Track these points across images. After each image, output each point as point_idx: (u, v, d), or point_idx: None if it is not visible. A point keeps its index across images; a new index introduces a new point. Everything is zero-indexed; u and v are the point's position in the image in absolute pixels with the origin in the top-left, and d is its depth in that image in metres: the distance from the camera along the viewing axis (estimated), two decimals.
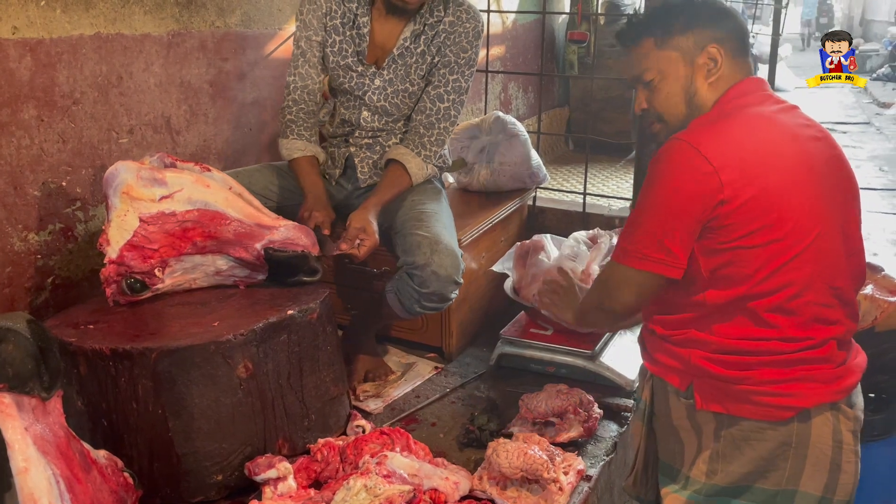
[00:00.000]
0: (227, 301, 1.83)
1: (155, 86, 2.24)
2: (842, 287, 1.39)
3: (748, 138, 1.35)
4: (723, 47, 1.44)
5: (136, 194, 1.72)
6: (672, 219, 1.34)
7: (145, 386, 1.61)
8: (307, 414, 1.79)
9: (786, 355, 1.35)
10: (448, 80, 2.16)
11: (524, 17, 4.49)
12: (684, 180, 1.33)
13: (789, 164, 1.35)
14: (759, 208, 1.31)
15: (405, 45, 2.14)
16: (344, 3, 2.16)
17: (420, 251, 1.95)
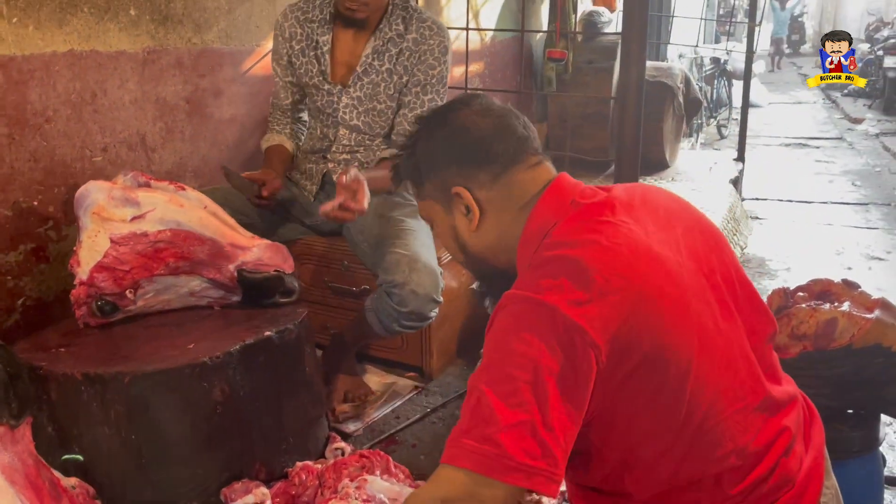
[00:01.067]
0: (202, 322, 1.80)
1: (130, 103, 2.21)
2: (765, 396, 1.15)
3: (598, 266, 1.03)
4: (474, 184, 1.17)
5: (107, 214, 1.68)
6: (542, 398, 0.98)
7: (118, 411, 1.57)
8: (285, 437, 1.76)
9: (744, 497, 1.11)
10: (423, 100, 2.17)
11: (503, 34, 4.51)
12: (543, 339, 0.98)
13: (663, 286, 1.05)
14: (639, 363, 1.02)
15: (368, 62, 2.15)
16: (305, 25, 2.19)
17: (398, 269, 1.93)
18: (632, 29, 2.34)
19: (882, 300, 1.96)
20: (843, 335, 1.89)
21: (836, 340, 1.89)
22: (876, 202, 6.33)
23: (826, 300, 1.99)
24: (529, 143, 1.21)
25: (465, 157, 1.18)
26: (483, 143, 1.18)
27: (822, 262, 4.72)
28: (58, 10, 1.97)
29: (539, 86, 5.01)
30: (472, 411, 1.01)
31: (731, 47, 8.59)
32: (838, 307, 1.92)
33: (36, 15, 1.92)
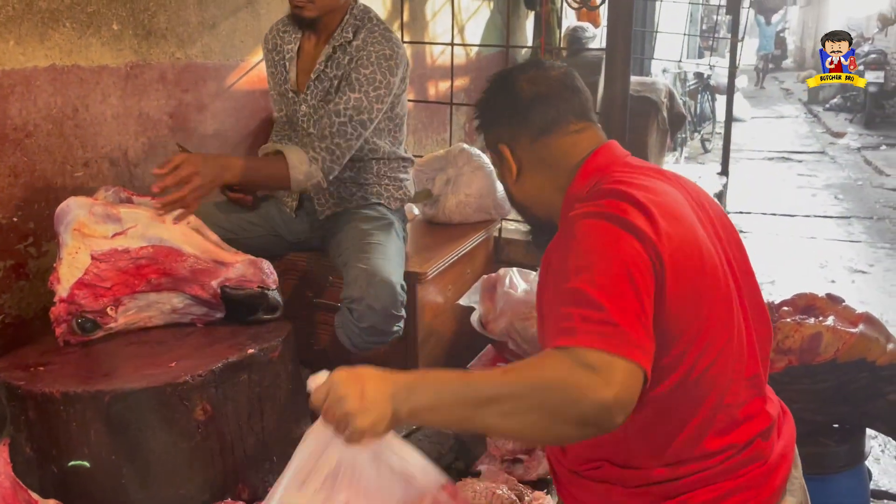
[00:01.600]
0: (184, 340, 1.78)
1: (112, 118, 2.19)
2: (756, 373, 1.23)
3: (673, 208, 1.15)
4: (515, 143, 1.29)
5: (88, 231, 1.66)
6: (641, 285, 1.03)
7: (98, 430, 1.54)
8: (269, 456, 1.73)
9: (711, 470, 1.18)
10: (349, 96, 2.04)
11: (488, 48, 4.53)
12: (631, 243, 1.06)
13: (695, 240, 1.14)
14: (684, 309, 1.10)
15: (321, 69, 2.14)
16: (282, 35, 2.23)
17: (356, 284, 1.92)
18: (616, 44, 2.36)
19: (866, 314, 1.98)
20: (828, 350, 1.90)
21: (820, 355, 1.89)
22: (858, 215, 6.40)
23: (811, 314, 2.00)
24: (574, 111, 1.29)
25: (509, 118, 1.30)
26: (524, 109, 1.28)
27: (806, 275, 4.76)
28: (39, 24, 1.95)
29: None
30: (572, 304, 0.99)
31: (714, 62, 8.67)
32: (823, 321, 1.93)
33: (17, 30, 1.90)
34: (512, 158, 1.29)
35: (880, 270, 5.00)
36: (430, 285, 2.33)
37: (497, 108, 1.33)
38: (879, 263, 5.15)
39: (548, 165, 1.28)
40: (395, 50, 2.09)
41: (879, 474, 2.94)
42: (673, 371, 1.12)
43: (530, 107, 1.28)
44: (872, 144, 10.01)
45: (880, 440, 3.00)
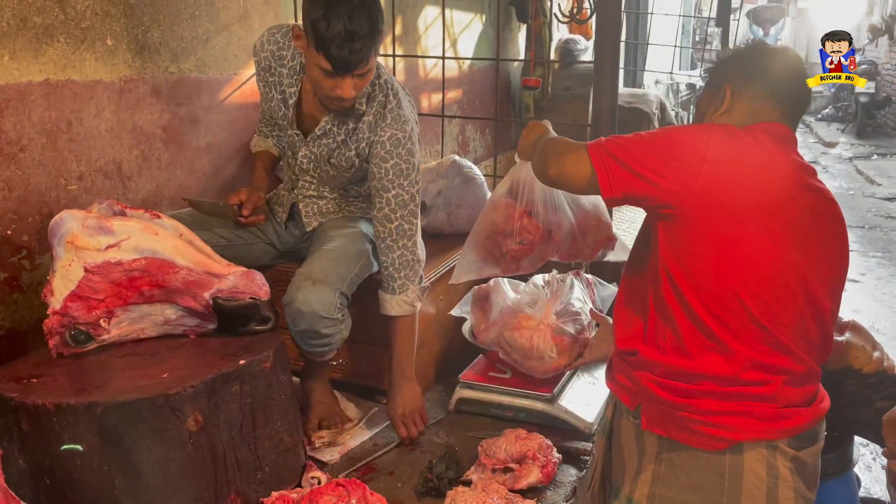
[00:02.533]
0: (176, 351, 1.79)
1: (106, 131, 2.21)
2: (791, 325, 1.40)
3: (751, 157, 1.41)
4: (740, 90, 1.52)
5: (81, 243, 1.68)
6: (648, 166, 1.39)
7: (91, 442, 1.55)
8: (260, 466, 1.74)
9: (727, 387, 1.39)
10: (387, 197, 2.06)
11: (480, 61, 4.57)
12: (680, 156, 1.39)
13: (773, 195, 1.39)
14: (721, 215, 1.36)
15: (327, 127, 2.10)
16: (277, 65, 2.13)
17: (290, 288, 1.96)
18: (604, 56, 2.40)
19: (852, 322, 1.99)
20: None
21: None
22: (850, 225, 6.38)
23: None
24: (791, 102, 1.52)
25: (757, 71, 1.53)
26: (770, 71, 1.52)
27: None
28: (34, 39, 1.98)
29: (517, 112, 5.08)
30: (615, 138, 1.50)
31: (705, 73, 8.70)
32: None
33: (11, 45, 1.92)
34: (729, 98, 1.52)
35: (872, 279, 5.04)
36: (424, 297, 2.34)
37: (744, 59, 1.58)
38: (871, 272, 5.18)
39: (747, 115, 1.50)
40: (406, 129, 2.05)
41: (871, 482, 2.96)
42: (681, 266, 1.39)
43: (774, 74, 1.51)
44: (864, 154, 10.08)
45: (872, 448, 3.02)
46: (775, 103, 1.50)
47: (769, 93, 1.50)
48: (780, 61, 1.55)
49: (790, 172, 1.43)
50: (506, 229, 2.08)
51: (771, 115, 1.50)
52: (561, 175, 1.54)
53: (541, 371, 2.20)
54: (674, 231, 1.40)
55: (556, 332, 2.20)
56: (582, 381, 2.31)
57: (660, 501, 1.45)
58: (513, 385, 2.23)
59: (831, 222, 1.46)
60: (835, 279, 1.48)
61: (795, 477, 1.41)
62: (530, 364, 2.19)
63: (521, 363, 2.20)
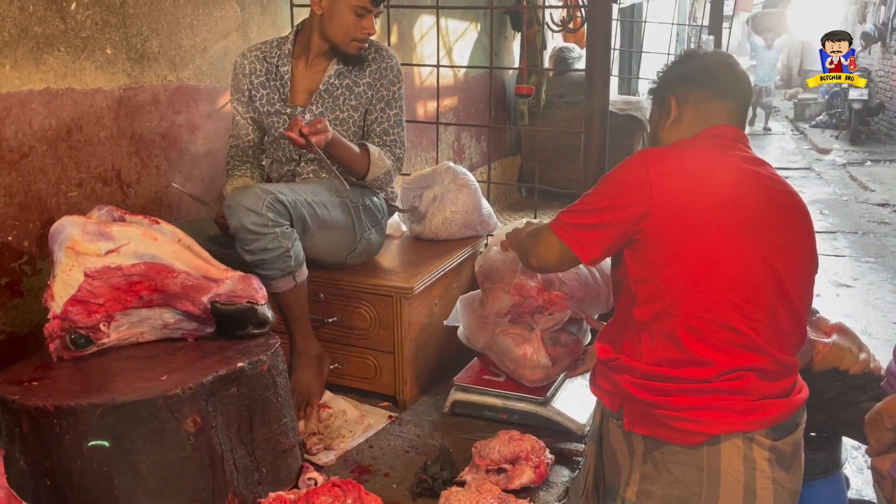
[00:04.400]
0: (175, 354, 1.82)
1: (105, 139, 2.25)
2: (764, 321, 1.45)
3: (691, 164, 1.48)
4: (683, 98, 1.59)
5: (81, 249, 1.71)
6: (604, 212, 1.48)
7: (90, 443, 1.57)
8: (258, 467, 1.77)
9: (701, 384, 1.43)
10: (388, 114, 2.42)
11: (475, 69, 4.61)
12: (626, 186, 1.47)
13: (724, 195, 1.44)
14: (679, 226, 1.42)
15: (330, 82, 2.35)
16: (266, 60, 2.38)
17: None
18: (595, 64, 2.44)
19: (839, 325, 2.03)
20: (803, 359, 1.95)
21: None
22: (843, 230, 6.48)
23: None
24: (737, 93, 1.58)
25: (692, 77, 1.61)
26: (706, 73, 1.59)
27: None
28: (34, 49, 2.01)
29: (512, 119, 5.12)
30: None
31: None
32: None
33: (13, 54, 1.96)
34: (675, 108, 1.59)
35: (864, 284, 5.07)
36: (417, 300, 2.38)
37: (680, 68, 1.65)
38: (864, 277, 5.22)
39: (696, 123, 1.57)
40: (398, 64, 2.46)
41: (863, 484, 2.98)
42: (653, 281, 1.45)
43: (713, 73, 1.59)
44: (857, 160, 10.14)
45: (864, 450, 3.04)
46: (717, 101, 1.57)
47: (709, 93, 1.57)
48: (712, 61, 1.63)
49: (738, 170, 1.49)
50: (532, 306, 2.24)
51: (717, 115, 1.57)
52: (541, 261, 1.64)
53: (533, 380, 2.22)
54: (639, 254, 1.47)
55: (548, 342, 2.22)
56: (574, 384, 2.34)
57: (647, 498, 1.48)
58: (507, 388, 2.26)
59: (792, 212, 1.51)
60: (804, 267, 1.53)
61: (774, 467, 1.44)
62: (521, 372, 2.22)
63: (514, 371, 2.23)
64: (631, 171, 1.48)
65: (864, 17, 13.26)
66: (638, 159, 1.49)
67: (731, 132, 1.57)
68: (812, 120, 13.81)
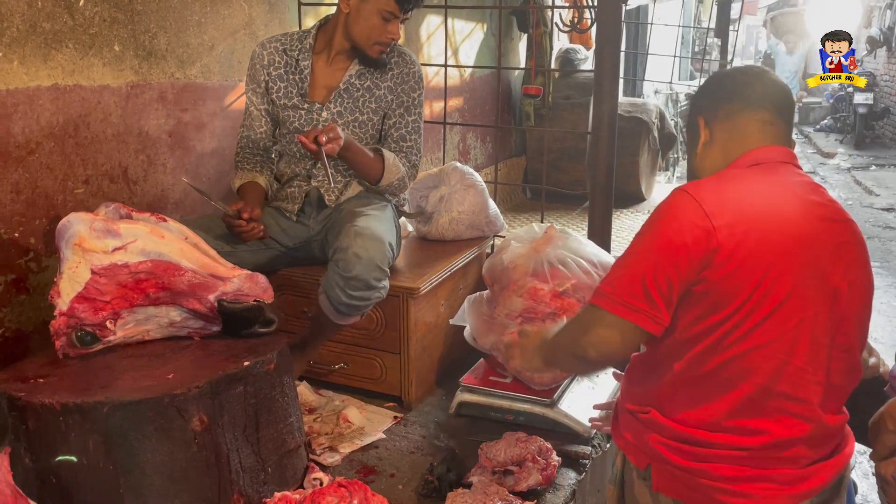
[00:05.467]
0: (181, 353, 1.81)
1: (112, 136, 2.24)
2: (822, 381, 1.32)
3: (751, 201, 1.31)
4: (712, 117, 1.46)
5: (88, 246, 1.70)
6: (661, 267, 1.28)
7: (96, 441, 1.57)
8: (263, 467, 1.76)
9: (742, 451, 1.31)
10: (407, 121, 2.38)
11: (481, 69, 4.61)
12: (679, 229, 1.28)
13: (789, 239, 1.29)
14: (744, 279, 1.26)
15: (350, 81, 2.31)
16: (286, 53, 2.33)
17: (345, 237, 2.03)
18: (603, 65, 2.43)
19: None
20: None
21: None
22: None
23: None
24: (772, 102, 1.43)
25: (713, 93, 1.49)
26: (729, 86, 1.47)
27: None
28: (42, 45, 2.01)
29: (518, 120, 5.11)
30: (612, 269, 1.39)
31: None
32: None
33: (21, 50, 1.95)
34: (705, 128, 1.47)
35: None
36: (423, 301, 2.37)
37: (705, 88, 1.54)
38: None
39: (732, 141, 1.44)
40: (421, 70, 2.42)
41: (868, 489, 2.98)
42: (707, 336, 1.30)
43: (737, 84, 1.46)
44: (862, 165, 10.12)
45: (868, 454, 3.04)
46: (748, 113, 1.43)
47: (737, 106, 1.44)
48: (739, 74, 1.50)
49: (800, 206, 1.33)
50: (544, 312, 2.24)
51: (751, 128, 1.42)
52: (602, 351, 1.36)
53: (540, 382, 2.22)
54: (691, 305, 1.31)
55: None
56: (582, 386, 2.33)
57: None
58: (513, 389, 2.25)
59: (854, 248, 1.37)
60: (864, 309, 1.40)
61: None
62: (529, 375, 2.21)
63: (521, 374, 2.22)
64: (685, 214, 1.29)
65: (869, 22, 13.24)
66: (687, 199, 1.30)
67: (778, 154, 1.41)
68: (816, 124, 13.80)
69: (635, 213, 4.82)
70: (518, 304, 2.25)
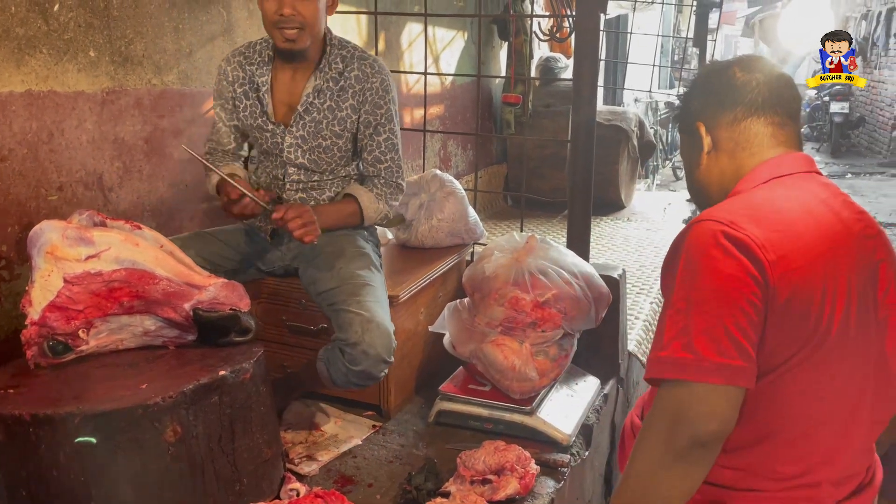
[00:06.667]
0: (155, 362, 1.79)
1: (87, 142, 2.22)
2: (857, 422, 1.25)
3: (795, 227, 1.19)
4: (713, 122, 1.34)
5: (60, 254, 1.67)
6: (738, 308, 1.11)
7: (67, 453, 1.54)
8: (239, 478, 1.74)
9: (768, 493, 1.25)
10: (378, 141, 2.22)
11: (462, 78, 4.61)
12: (738, 263, 1.13)
13: (832, 267, 1.18)
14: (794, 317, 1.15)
15: (309, 101, 2.16)
16: (246, 68, 2.21)
17: (352, 329, 1.95)
18: (582, 73, 2.44)
19: None
20: None
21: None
22: None
23: None
24: (781, 104, 1.31)
25: (715, 96, 1.34)
26: (731, 89, 1.32)
27: None
28: (16, 50, 1.98)
29: (499, 128, 5.12)
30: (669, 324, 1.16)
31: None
32: None
33: None
34: (706, 135, 1.34)
35: None
36: (403, 308, 2.36)
37: (701, 88, 1.38)
38: None
39: (740, 149, 1.32)
40: (388, 76, 2.22)
41: None
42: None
43: (739, 87, 1.32)
44: (838, 173, 10.26)
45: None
46: (756, 118, 1.31)
47: (742, 111, 1.31)
48: (738, 70, 1.35)
49: (838, 225, 1.22)
50: (525, 321, 2.23)
51: (762, 133, 1.31)
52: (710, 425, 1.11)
53: (519, 391, 2.21)
54: None
55: (536, 355, 2.21)
56: (560, 394, 2.33)
57: None
58: (492, 397, 2.24)
59: (887, 266, 1.27)
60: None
61: None
62: (508, 384, 2.20)
63: (500, 382, 2.22)
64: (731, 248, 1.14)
65: None
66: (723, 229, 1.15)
67: (799, 162, 1.30)
68: None
69: (615, 221, 4.84)
70: (499, 314, 2.25)
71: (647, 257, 3.98)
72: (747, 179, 1.30)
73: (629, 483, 1.20)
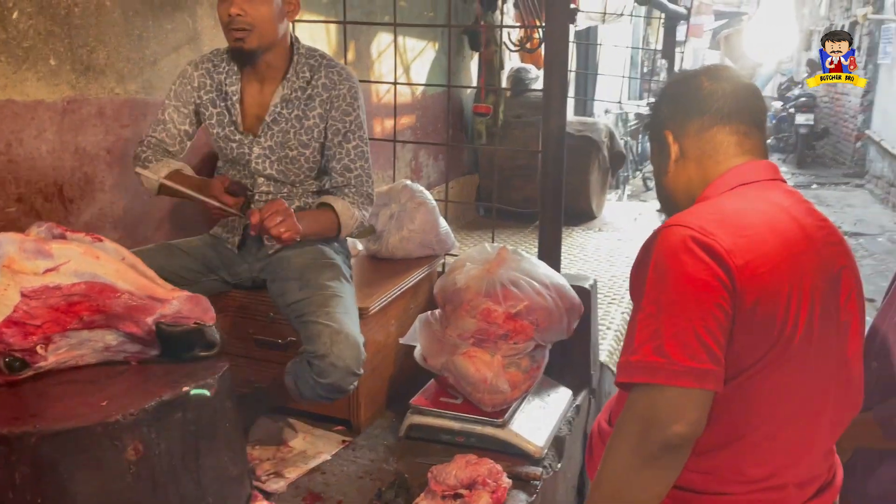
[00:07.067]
0: (117, 378, 1.73)
1: (47, 153, 2.16)
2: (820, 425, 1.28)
3: (759, 232, 1.20)
4: (681, 131, 1.36)
5: (18, 267, 1.62)
6: (707, 311, 1.13)
7: (23, 473, 1.48)
8: (204, 497, 1.69)
9: (735, 496, 1.26)
10: (347, 148, 2.18)
11: (433, 88, 4.61)
12: (706, 266, 1.15)
13: (795, 275, 1.20)
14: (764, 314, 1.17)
15: (276, 111, 2.14)
16: (215, 76, 2.18)
17: (320, 341, 1.92)
18: (552, 85, 2.44)
19: None
20: None
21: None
22: None
23: None
24: (749, 113, 1.34)
25: (683, 105, 1.36)
26: (699, 98, 1.35)
27: None
28: None
29: (470, 138, 5.13)
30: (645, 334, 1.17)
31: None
32: None
33: None
34: (674, 143, 1.36)
35: None
36: (373, 320, 2.33)
37: (669, 97, 1.41)
38: None
39: (707, 157, 1.34)
40: (356, 83, 2.20)
41: None
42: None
43: (706, 97, 1.34)
44: (804, 183, 10.44)
45: None
46: (721, 126, 1.33)
47: (709, 120, 1.33)
48: (705, 79, 1.37)
49: (801, 233, 1.24)
50: (497, 333, 2.21)
51: (728, 142, 1.32)
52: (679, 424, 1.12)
53: (491, 404, 2.19)
54: None
55: (508, 368, 2.20)
56: (532, 406, 2.31)
57: None
58: (464, 410, 2.22)
59: (851, 272, 1.30)
60: (860, 333, 1.33)
61: None
62: (479, 396, 2.19)
63: (472, 394, 2.20)
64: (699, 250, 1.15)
65: (809, 45, 13.73)
66: (692, 234, 1.17)
67: (763, 170, 1.32)
68: None
69: (586, 231, 4.86)
70: (471, 325, 2.23)
71: (618, 267, 3.99)
72: (714, 186, 1.33)
73: (600, 487, 1.21)
